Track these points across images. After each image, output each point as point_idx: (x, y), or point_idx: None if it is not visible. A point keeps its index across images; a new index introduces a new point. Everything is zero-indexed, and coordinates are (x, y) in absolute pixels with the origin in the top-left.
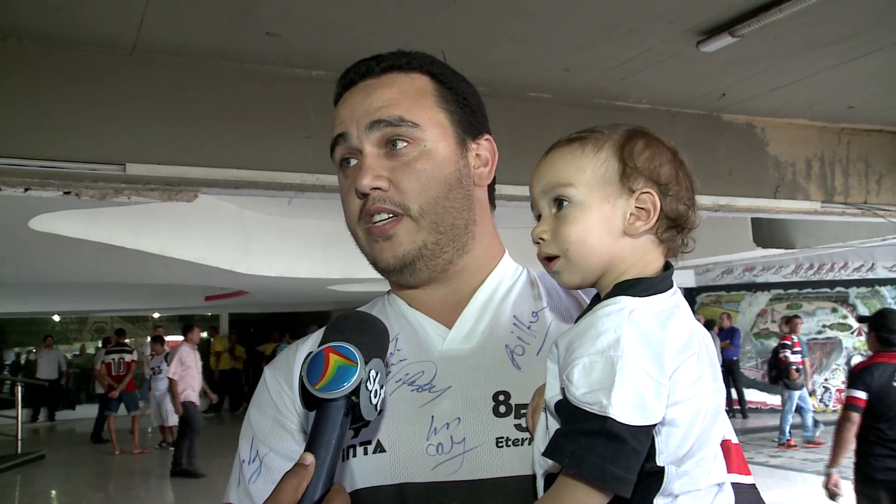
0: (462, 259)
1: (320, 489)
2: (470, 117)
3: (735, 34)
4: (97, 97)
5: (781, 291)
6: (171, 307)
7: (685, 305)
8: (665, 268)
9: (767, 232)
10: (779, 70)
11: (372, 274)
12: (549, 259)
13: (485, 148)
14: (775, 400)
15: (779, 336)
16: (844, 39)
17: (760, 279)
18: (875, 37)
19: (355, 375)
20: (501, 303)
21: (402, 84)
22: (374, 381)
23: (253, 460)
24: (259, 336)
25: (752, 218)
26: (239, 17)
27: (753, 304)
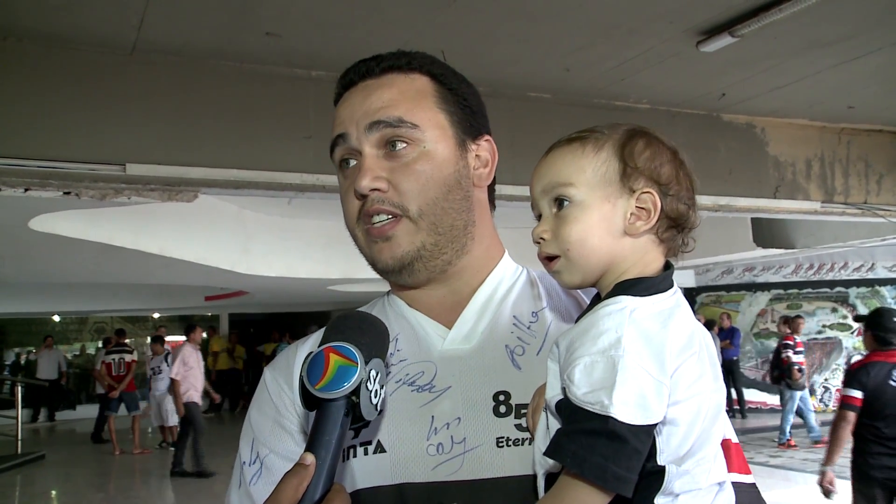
0: (461, 260)
1: (321, 489)
2: (470, 118)
3: (735, 34)
4: (97, 97)
5: (781, 291)
6: (171, 307)
7: (685, 305)
8: (665, 267)
9: (767, 232)
10: (779, 70)
11: (372, 274)
12: (550, 259)
13: (485, 149)
14: (775, 400)
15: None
16: (844, 39)
17: (760, 279)
18: (875, 37)
19: (356, 375)
20: (501, 303)
21: (402, 85)
22: (375, 381)
23: (254, 462)
24: (259, 336)
25: (752, 218)
26: (239, 17)
27: (753, 304)
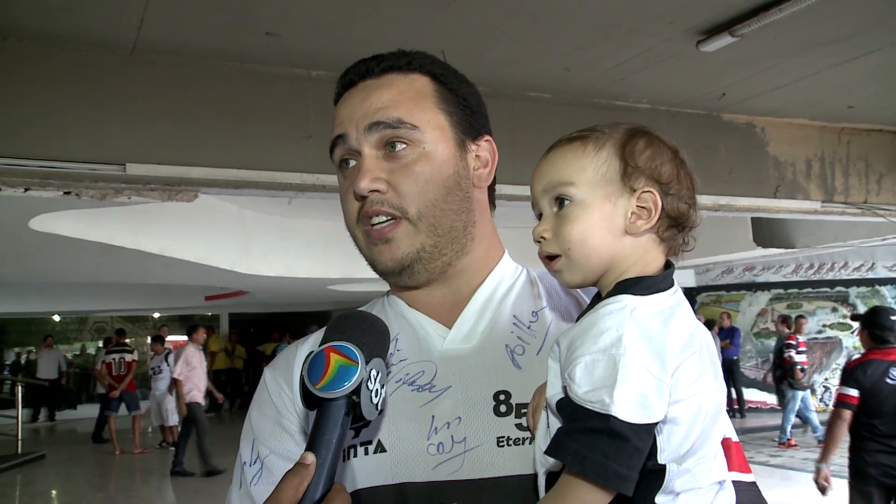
0: (461, 260)
1: (321, 488)
2: (470, 118)
3: (735, 34)
4: (97, 97)
5: (781, 291)
6: (172, 307)
7: (686, 304)
8: (666, 266)
9: (767, 231)
10: (779, 70)
11: (372, 274)
12: (551, 258)
13: (485, 149)
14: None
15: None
16: (844, 39)
17: (760, 279)
18: (875, 36)
19: (356, 375)
20: (501, 302)
21: (402, 85)
22: (375, 381)
23: (254, 462)
24: (259, 336)
25: (752, 217)
26: (239, 17)
27: (753, 304)
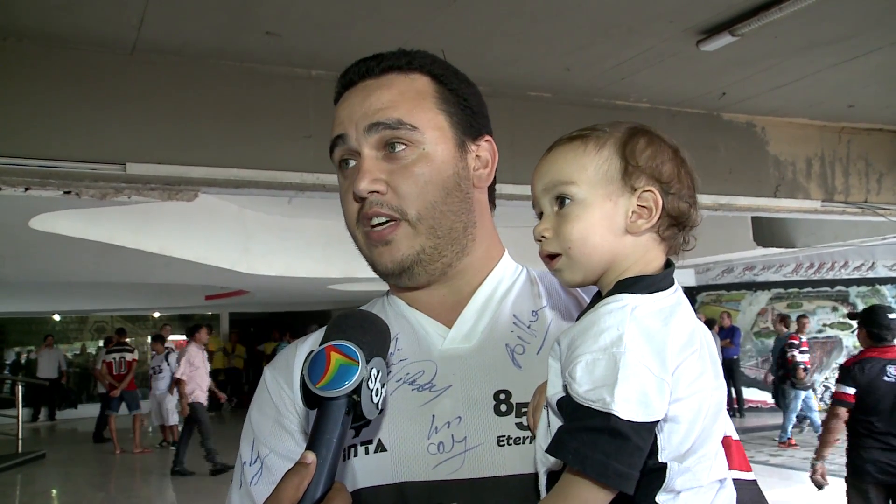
0: (461, 261)
1: (321, 488)
2: (470, 119)
3: (735, 33)
4: (97, 97)
5: (782, 290)
6: (172, 307)
7: (686, 303)
8: (666, 265)
9: (768, 231)
10: (779, 69)
11: (372, 273)
12: (551, 257)
13: (485, 149)
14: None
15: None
16: (844, 39)
17: (761, 278)
18: (875, 36)
19: (357, 374)
20: (501, 302)
21: (402, 85)
22: (376, 380)
23: (254, 462)
24: (259, 335)
25: (753, 217)
26: (239, 17)
27: (754, 303)
